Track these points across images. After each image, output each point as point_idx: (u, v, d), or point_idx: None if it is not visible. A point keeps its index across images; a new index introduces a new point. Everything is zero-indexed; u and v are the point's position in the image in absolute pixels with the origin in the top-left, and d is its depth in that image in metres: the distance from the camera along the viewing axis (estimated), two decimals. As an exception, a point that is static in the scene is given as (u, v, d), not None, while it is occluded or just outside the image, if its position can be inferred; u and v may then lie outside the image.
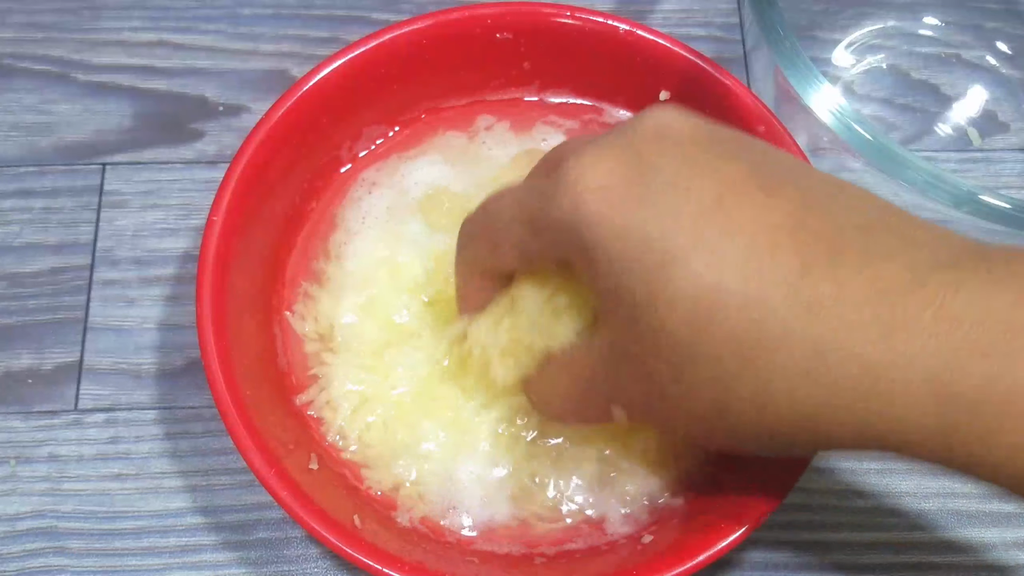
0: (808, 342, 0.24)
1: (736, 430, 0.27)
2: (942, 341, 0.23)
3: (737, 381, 0.25)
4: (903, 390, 0.23)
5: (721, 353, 0.25)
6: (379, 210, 0.42)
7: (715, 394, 0.26)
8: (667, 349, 0.26)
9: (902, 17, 0.51)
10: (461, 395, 0.39)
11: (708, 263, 0.24)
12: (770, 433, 0.26)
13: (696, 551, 0.33)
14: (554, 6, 0.41)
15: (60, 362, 0.43)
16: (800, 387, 0.24)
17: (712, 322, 0.25)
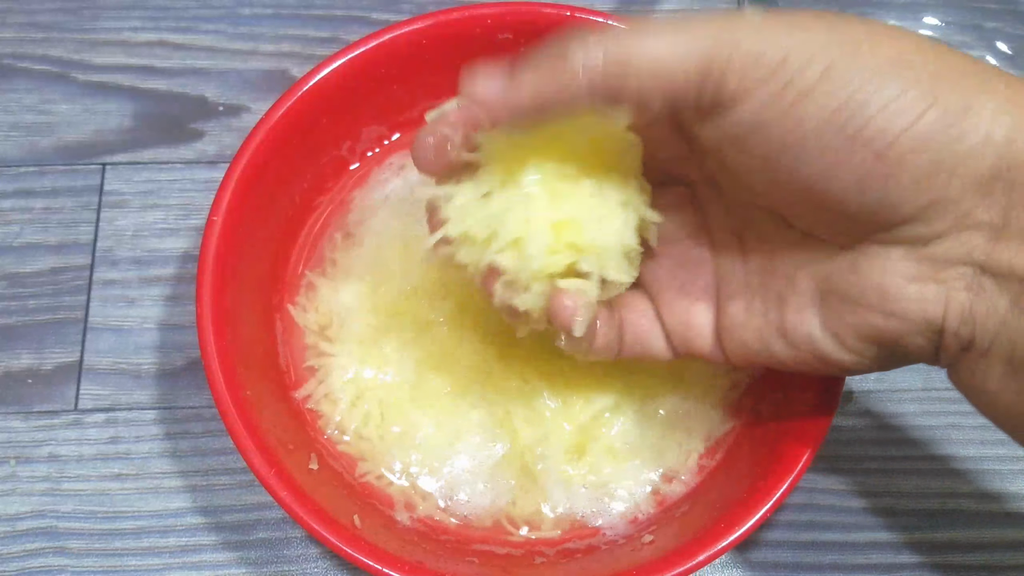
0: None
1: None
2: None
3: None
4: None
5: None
6: (380, 198, 0.43)
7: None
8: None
9: (902, 17, 0.51)
10: (452, 383, 0.39)
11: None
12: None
13: (696, 551, 0.33)
14: (554, 6, 0.41)
15: (60, 362, 0.43)
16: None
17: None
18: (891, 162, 0.26)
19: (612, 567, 0.35)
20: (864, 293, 0.29)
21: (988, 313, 0.27)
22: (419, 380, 0.39)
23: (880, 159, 0.26)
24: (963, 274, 0.27)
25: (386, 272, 0.41)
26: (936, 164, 0.26)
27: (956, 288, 0.27)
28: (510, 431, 0.39)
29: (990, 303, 0.27)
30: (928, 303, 0.28)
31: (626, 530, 0.38)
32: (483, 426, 0.39)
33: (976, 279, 0.27)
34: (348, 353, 0.40)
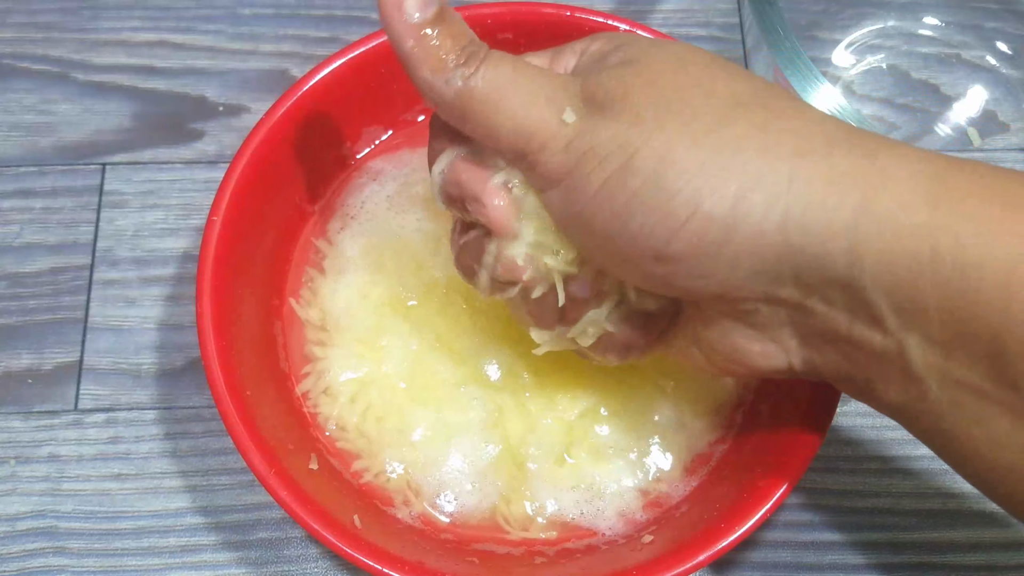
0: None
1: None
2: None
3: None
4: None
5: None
6: (380, 198, 0.43)
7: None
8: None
9: (902, 17, 0.51)
10: (449, 380, 0.39)
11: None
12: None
13: (696, 551, 0.33)
14: (554, 6, 0.41)
15: (60, 362, 0.43)
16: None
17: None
18: (668, 263, 0.28)
19: (612, 567, 0.35)
20: (718, 347, 0.31)
21: (825, 363, 0.29)
22: (417, 378, 0.39)
23: (658, 261, 0.28)
24: (791, 334, 0.29)
25: (384, 270, 0.41)
26: (711, 263, 0.27)
27: (791, 347, 0.30)
28: (503, 430, 0.39)
29: (824, 356, 0.29)
30: (771, 358, 0.30)
31: (625, 530, 0.38)
32: (478, 424, 0.39)
33: (804, 340, 0.30)
34: (347, 351, 0.40)
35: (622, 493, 0.38)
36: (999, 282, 0.24)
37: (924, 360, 0.26)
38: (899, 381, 0.27)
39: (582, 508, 0.38)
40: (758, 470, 0.36)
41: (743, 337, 0.30)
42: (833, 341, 0.28)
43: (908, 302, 0.26)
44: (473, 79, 0.29)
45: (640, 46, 0.30)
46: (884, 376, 0.28)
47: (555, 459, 0.39)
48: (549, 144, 0.28)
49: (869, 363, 0.28)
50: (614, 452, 0.39)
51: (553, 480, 0.38)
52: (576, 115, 0.28)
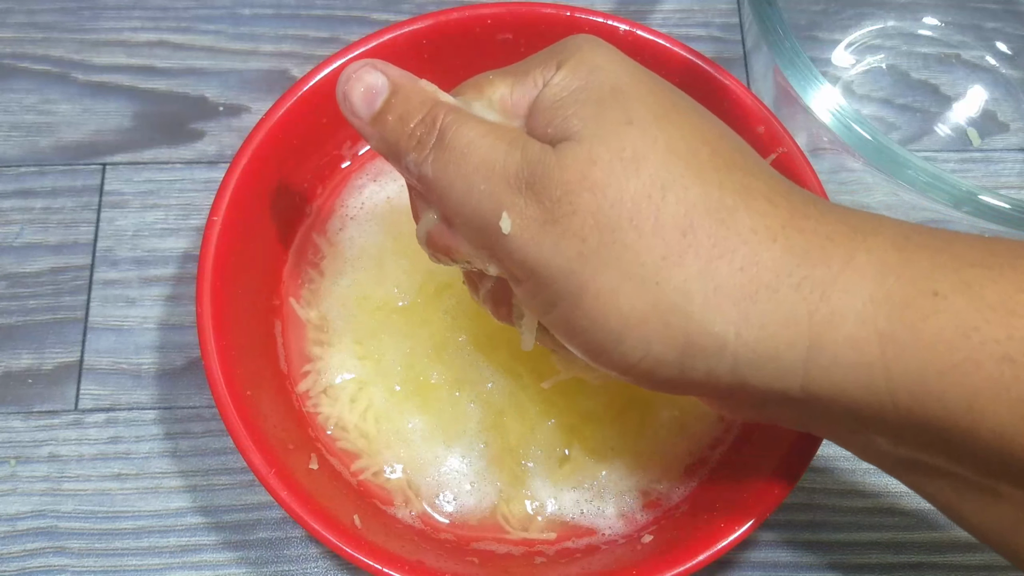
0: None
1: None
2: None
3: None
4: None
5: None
6: (379, 198, 0.43)
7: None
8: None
9: (902, 17, 0.51)
10: (447, 380, 0.39)
11: None
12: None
13: (696, 551, 0.33)
14: (554, 6, 0.41)
15: (60, 362, 0.43)
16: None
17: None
18: (635, 379, 0.28)
19: (612, 567, 0.35)
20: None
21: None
22: (416, 378, 0.40)
23: (625, 374, 0.28)
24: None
25: (383, 271, 0.41)
26: (671, 388, 0.29)
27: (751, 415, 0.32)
28: (502, 431, 0.39)
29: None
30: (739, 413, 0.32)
31: (625, 530, 0.38)
32: (477, 425, 0.39)
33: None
34: (346, 351, 0.40)
35: (622, 493, 0.38)
36: (961, 407, 0.25)
37: (899, 454, 0.28)
38: (875, 452, 0.29)
39: (582, 508, 0.38)
40: (758, 470, 0.36)
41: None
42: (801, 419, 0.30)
43: (868, 417, 0.27)
44: (424, 167, 0.28)
45: (601, 107, 0.27)
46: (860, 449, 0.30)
47: (555, 459, 0.39)
48: (496, 248, 0.28)
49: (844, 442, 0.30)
50: (614, 452, 0.39)
51: (553, 480, 0.38)
52: (512, 222, 0.27)
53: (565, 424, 0.39)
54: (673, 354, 0.27)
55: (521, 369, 0.39)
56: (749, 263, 0.26)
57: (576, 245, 0.26)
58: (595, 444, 0.39)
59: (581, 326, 0.27)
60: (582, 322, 0.27)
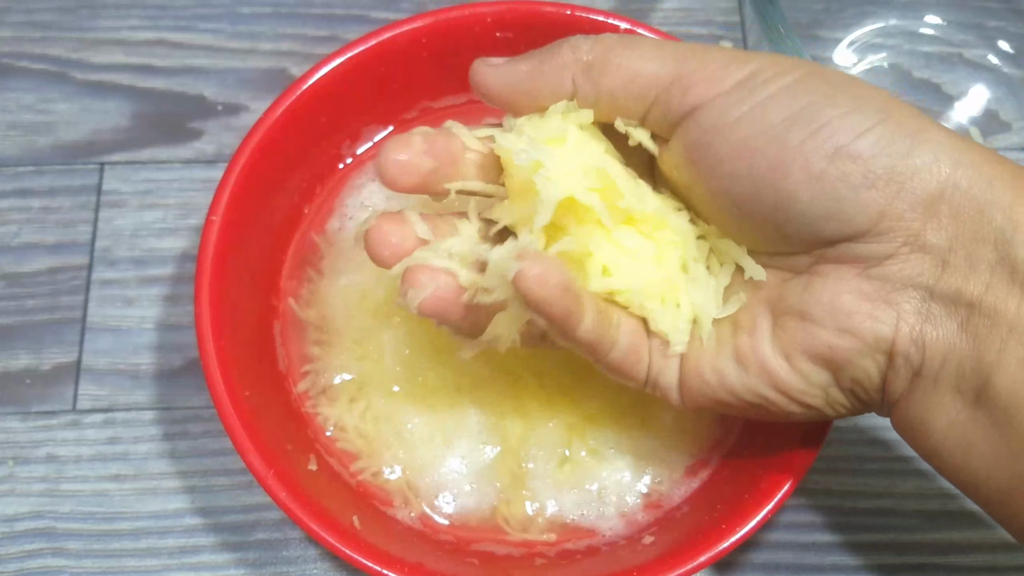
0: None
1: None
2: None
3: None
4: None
5: None
6: (379, 198, 0.42)
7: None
8: None
9: (904, 16, 0.51)
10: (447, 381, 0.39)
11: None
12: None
13: (697, 552, 0.33)
14: (554, 5, 0.40)
15: (58, 362, 0.43)
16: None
17: None
18: (840, 168, 0.27)
19: (612, 568, 0.35)
20: (817, 310, 0.29)
21: (937, 338, 0.28)
22: (415, 379, 0.39)
23: (831, 163, 0.27)
24: (912, 297, 0.28)
25: (383, 271, 0.41)
26: (883, 176, 0.27)
27: (906, 311, 0.28)
28: (502, 431, 0.39)
29: (939, 328, 0.28)
30: (879, 322, 0.28)
31: (626, 531, 0.38)
32: (477, 426, 0.39)
33: (925, 304, 0.28)
34: (346, 352, 0.40)
35: (623, 494, 0.38)
36: None
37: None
38: (1020, 358, 0.27)
39: (583, 509, 0.38)
40: (759, 471, 0.36)
41: (858, 295, 0.28)
42: (962, 309, 0.27)
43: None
44: (601, 41, 0.30)
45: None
46: (1003, 354, 0.27)
47: (556, 460, 0.39)
48: (708, 59, 0.29)
49: (990, 337, 0.27)
50: (615, 453, 0.39)
51: (554, 481, 0.38)
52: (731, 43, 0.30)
53: (565, 425, 0.39)
54: (912, 124, 0.28)
55: (521, 370, 0.39)
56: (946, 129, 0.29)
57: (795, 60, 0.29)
58: (596, 445, 0.39)
59: (825, 91, 0.28)
60: (827, 89, 0.28)
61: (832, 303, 0.29)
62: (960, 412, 0.28)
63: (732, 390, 0.31)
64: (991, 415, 0.27)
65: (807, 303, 0.29)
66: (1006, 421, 0.27)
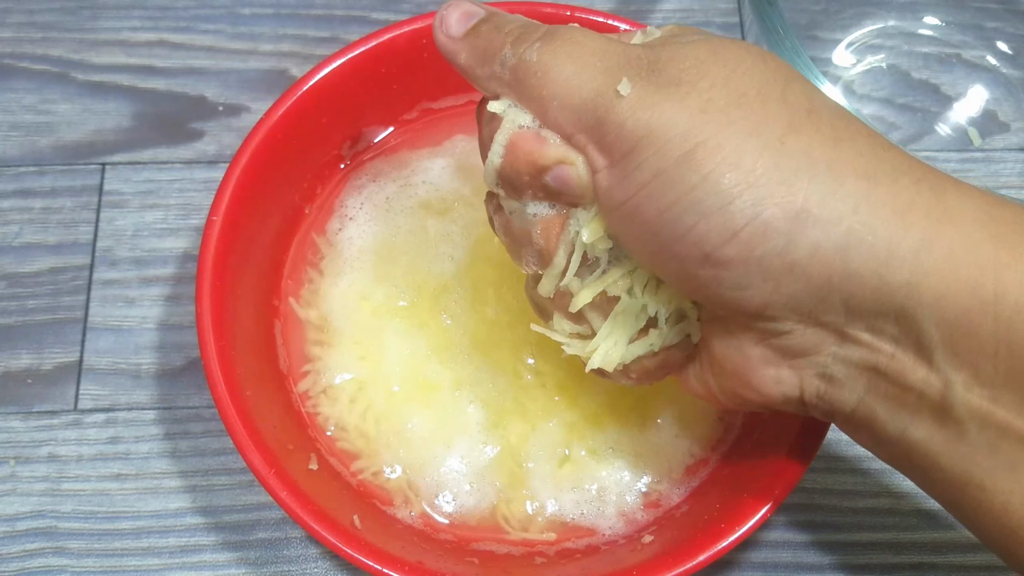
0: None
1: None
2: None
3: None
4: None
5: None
6: (379, 198, 0.43)
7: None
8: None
9: (902, 17, 0.51)
10: (447, 381, 0.39)
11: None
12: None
13: (696, 551, 0.33)
14: (554, 6, 0.40)
15: (60, 362, 0.43)
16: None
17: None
18: (712, 273, 0.27)
19: (612, 567, 0.35)
20: (731, 367, 0.30)
21: (844, 398, 0.28)
22: (415, 378, 0.40)
23: (702, 268, 0.27)
24: (814, 363, 0.28)
25: (383, 271, 0.41)
26: (756, 277, 0.26)
27: (808, 375, 0.29)
28: (502, 431, 0.39)
29: (843, 390, 0.28)
30: (784, 384, 0.29)
31: (626, 530, 0.38)
32: (477, 425, 0.39)
33: (827, 369, 0.28)
34: (346, 351, 0.40)
35: (622, 493, 0.38)
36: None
37: (967, 401, 0.26)
38: (932, 421, 0.27)
39: (582, 508, 0.38)
40: (758, 471, 0.36)
41: (761, 360, 0.29)
42: (866, 374, 0.27)
43: (963, 339, 0.25)
44: (528, 52, 0.28)
45: (717, 38, 0.28)
46: (916, 414, 0.27)
47: (555, 459, 0.39)
48: (604, 120, 0.27)
49: (903, 399, 0.27)
50: (614, 453, 0.39)
51: (553, 480, 0.38)
52: (632, 87, 0.26)
53: (565, 424, 0.39)
54: (784, 222, 0.25)
55: (522, 369, 0.39)
56: (869, 151, 0.26)
57: (700, 103, 0.26)
58: (595, 444, 0.39)
59: (690, 184, 0.26)
60: (692, 179, 0.25)
61: (741, 363, 0.30)
62: (880, 449, 0.29)
63: (712, 394, 0.32)
64: (911, 458, 0.28)
65: (722, 356, 0.30)
66: (927, 466, 0.28)
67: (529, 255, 0.31)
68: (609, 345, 0.31)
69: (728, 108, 0.26)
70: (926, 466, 0.28)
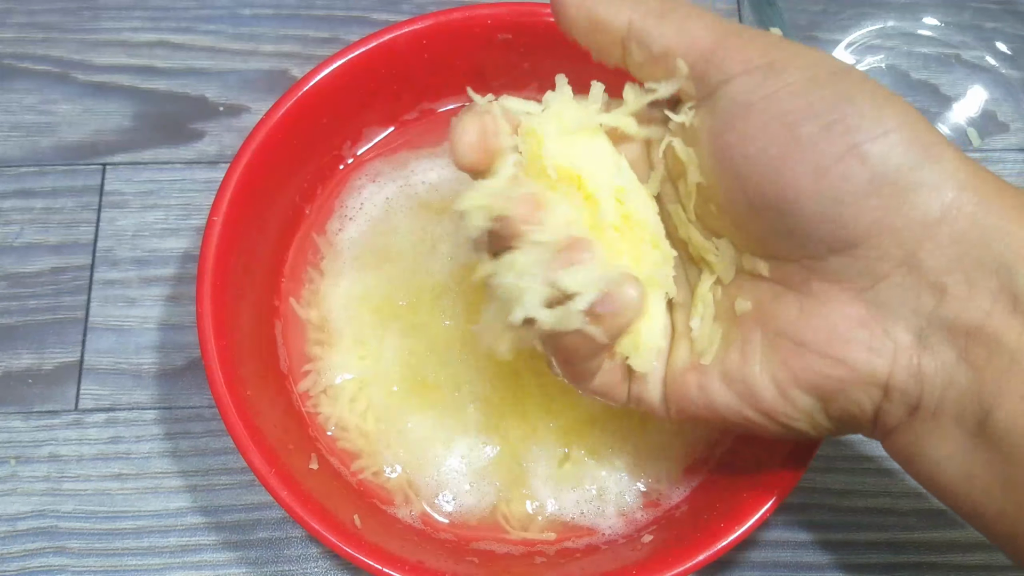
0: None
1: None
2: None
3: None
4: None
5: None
6: (379, 199, 0.43)
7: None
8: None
9: (902, 17, 0.51)
10: (447, 381, 0.39)
11: None
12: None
13: (696, 551, 0.34)
14: (554, 6, 0.40)
15: (60, 362, 0.43)
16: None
17: None
18: (848, 167, 0.26)
19: (612, 567, 0.35)
20: (810, 335, 0.28)
21: (935, 369, 0.27)
22: (415, 378, 0.40)
23: (839, 161, 0.26)
24: (910, 325, 0.27)
25: (382, 272, 0.41)
26: (887, 184, 0.26)
27: (903, 341, 0.27)
28: (502, 431, 0.39)
29: (937, 358, 0.27)
30: (875, 354, 0.27)
31: (625, 530, 0.38)
32: (477, 426, 0.39)
33: (923, 332, 0.27)
34: (346, 351, 0.40)
35: (622, 493, 0.38)
36: None
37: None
38: (1021, 391, 0.26)
39: (582, 508, 0.38)
40: (758, 470, 0.36)
41: (856, 321, 0.27)
42: (959, 338, 0.26)
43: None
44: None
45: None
46: (1002, 386, 0.26)
47: (555, 459, 0.39)
48: (745, 37, 0.28)
49: (990, 368, 0.26)
50: (614, 452, 0.39)
51: (553, 480, 0.38)
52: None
53: (565, 424, 0.39)
54: (926, 138, 0.26)
55: (521, 369, 0.39)
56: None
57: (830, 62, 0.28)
58: (595, 444, 0.39)
59: (846, 89, 0.27)
60: (848, 87, 0.27)
61: (826, 329, 0.27)
62: (960, 444, 0.27)
63: (714, 408, 0.30)
64: (992, 447, 0.26)
65: (800, 326, 0.28)
66: (1008, 453, 0.26)
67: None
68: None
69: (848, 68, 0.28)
70: (1008, 454, 0.26)
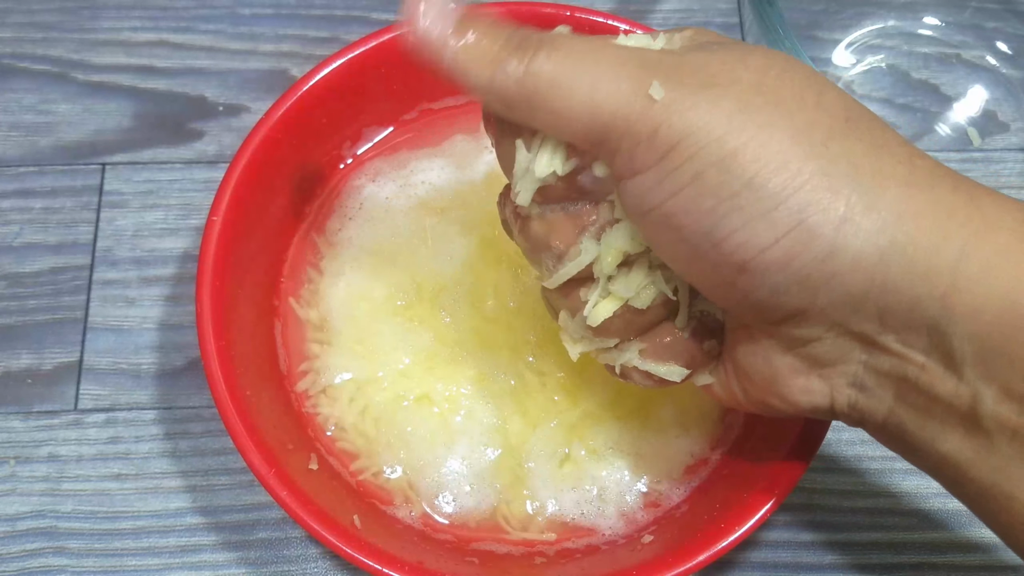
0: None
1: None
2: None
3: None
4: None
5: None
6: (378, 198, 0.43)
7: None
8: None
9: (902, 17, 0.51)
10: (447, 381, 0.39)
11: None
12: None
13: (696, 551, 0.34)
14: (554, 6, 0.41)
15: (60, 362, 0.43)
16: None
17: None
18: (749, 281, 0.26)
19: (612, 567, 0.35)
20: (755, 376, 0.30)
21: (875, 407, 0.28)
22: (415, 378, 0.39)
23: (739, 276, 0.26)
24: (844, 372, 0.28)
25: (382, 271, 0.41)
26: (794, 285, 0.26)
27: (838, 384, 0.28)
28: (503, 431, 0.39)
29: (874, 398, 0.28)
30: (814, 394, 0.29)
31: (625, 530, 0.38)
32: (477, 426, 0.39)
33: (857, 378, 0.28)
34: (346, 351, 0.40)
35: (622, 493, 0.38)
36: None
37: (997, 414, 0.25)
38: (962, 432, 0.26)
39: (582, 508, 0.38)
40: (758, 471, 0.36)
41: (789, 369, 0.28)
42: (895, 384, 0.27)
43: (995, 352, 0.25)
44: (535, 62, 0.26)
45: (741, 43, 0.27)
46: (945, 425, 0.27)
47: (556, 460, 0.39)
48: (634, 127, 0.25)
49: (931, 410, 0.27)
50: (614, 452, 0.39)
51: (553, 480, 0.38)
52: (665, 90, 0.25)
53: (566, 424, 0.39)
54: (828, 228, 0.24)
55: (522, 369, 0.39)
56: (906, 158, 0.26)
57: (737, 104, 0.25)
58: (596, 444, 0.39)
59: (731, 188, 0.25)
60: (734, 183, 0.25)
61: (768, 371, 0.29)
62: (911, 456, 0.29)
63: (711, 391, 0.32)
64: (942, 468, 0.28)
65: (749, 364, 0.30)
66: (957, 476, 0.27)
67: (548, 257, 0.30)
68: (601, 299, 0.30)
69: (767, 109, 0.25)
70: (956, 476, 0.27)
